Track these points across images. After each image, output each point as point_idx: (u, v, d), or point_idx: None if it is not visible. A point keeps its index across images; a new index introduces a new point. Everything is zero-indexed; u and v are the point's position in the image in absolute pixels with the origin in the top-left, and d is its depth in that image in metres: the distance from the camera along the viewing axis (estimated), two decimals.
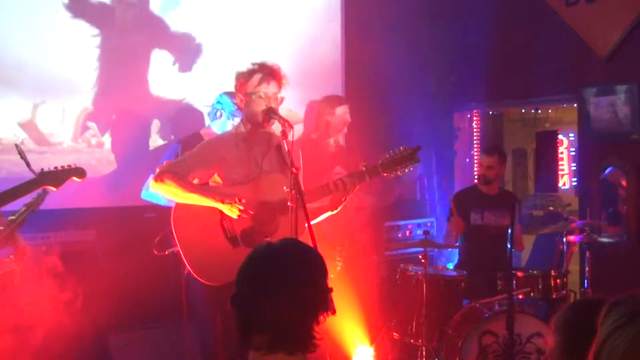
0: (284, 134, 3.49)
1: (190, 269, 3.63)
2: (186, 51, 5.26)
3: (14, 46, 4.54)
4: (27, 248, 3.61)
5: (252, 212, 3.60)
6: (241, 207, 3.55)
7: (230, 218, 3.63)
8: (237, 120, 4.36)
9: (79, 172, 3.59)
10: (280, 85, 3.75)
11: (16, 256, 3.35)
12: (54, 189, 3.52)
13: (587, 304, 1.98)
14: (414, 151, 3.86)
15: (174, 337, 4.77)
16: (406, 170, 3.88)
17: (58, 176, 3.50)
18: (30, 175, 3.58)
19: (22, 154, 3.58)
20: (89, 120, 4.87)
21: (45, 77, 4.68)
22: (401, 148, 3.85)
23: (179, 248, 3.65)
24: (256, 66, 3.74)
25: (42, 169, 3.51)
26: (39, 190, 3.59)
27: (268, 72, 3.72)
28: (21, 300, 3.70)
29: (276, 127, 3.75)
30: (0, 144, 4.51)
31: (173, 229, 3.66)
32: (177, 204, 3.71)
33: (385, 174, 3.84)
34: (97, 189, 4.81)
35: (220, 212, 3.63)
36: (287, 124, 3.49)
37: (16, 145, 3.69)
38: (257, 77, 3.71)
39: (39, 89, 4.65)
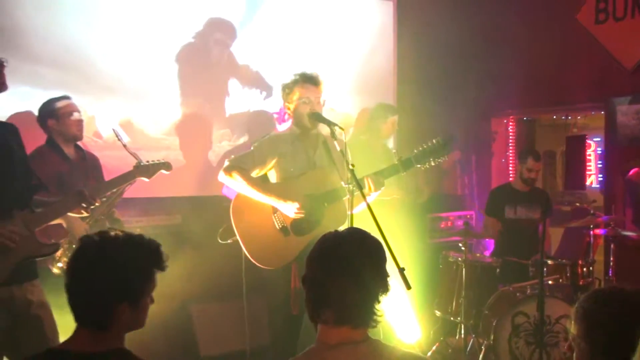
0: (335, 135, 3.45)
1: (248, 255, 3.64)
2: (255, 83, 5.31)
3: (113, 59, 4.61)
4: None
5: (303, 214, 3.57)
6: (296, 210, 3.55)
7: (280, 211, 3.64)
8: None
9: (167, 166, 3.63)
10: (320, 90, 3.70)
11: (56, 239, 3.31)
12: (147, 179, 3.57)
13: (602, 295, 1.91)
14: (446, 142, 3.67)
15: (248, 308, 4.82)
16: (440, 161, 3.68)
17: (150, 169, 3.54)
18: (128, 158, 3.64)
19: (118, 136, 3.65)
20: (177, 124, 4.95)
21: (141, 86, 4.75)
22: (434, 140, 3.67)
23: (237, 237, 3.67)
24: (297, 76, 3.71)
25: (137, 163, 3.57)
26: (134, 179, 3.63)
27: (308, 80, 3.69)
28: None
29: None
30: (102, 141, 4.58)
31: (232, 219, 3.68)
32: (236, 199, 3.72)
33: (418, 166, 3.68)
34: (184, 181, 4.90)
35: (272, 205, 3.64)
36: (337, 127, 3.45)
37: (113, 130, 3.76)
38: (299, 86, 3.68)
39: (135, 96, 4.72)
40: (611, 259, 5.01)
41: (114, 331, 1.88)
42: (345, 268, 1.88)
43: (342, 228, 2.88)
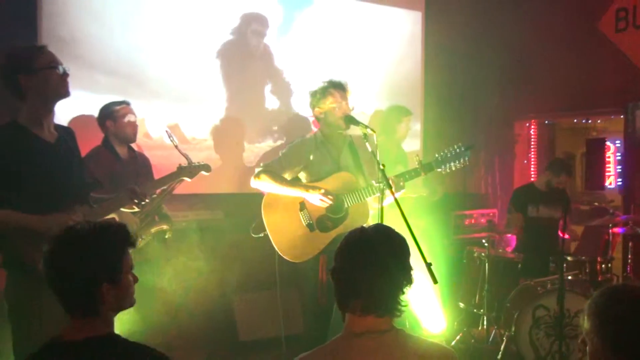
0: (367, 137, 3.43)
1: (276, 248, 3.66)
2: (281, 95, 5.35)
3: (159, 65, 4.72)
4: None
5: (330, 200, 3.58)
6: (321, 196, 3.57)
7: (307, 208, 3.64)
8: None
9: (207, 167, 3.68)
10: (348, 95, 3.71)
11: None
12: (189, 180, 3.62)
13: (614, 291, 1.88)
14: (467, 149, 3.63)
15: (283, 298, 4.85)
16: (459, 166, 3.64)
17: (191, 170, 3.59)
18: (176, 157, 3.71)
19: (171, 137, 3.72)
20: (219, 125, 5.00)
21: (185, 90, 4.84)
22: (455, 146, 3.64)
23: (267, 232, 3.69)
24: (327, 83, 3.72)
25: (180, 164, 3.62)
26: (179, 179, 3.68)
27: (338, 87, 3.70)
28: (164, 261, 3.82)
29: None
30: (151, 141, 4.68)
31: (263, 215, 3.71)
32: (266, 196, 3.75)
33: (438, 170, 3.66)
34: (225, 179, 4.95)
35: (299, 202, 3.64)
36: (369, 129, 3.44)
37: (166, 131, 3.83)
38: (330, 92, 3.69)
39: (181, 100, 4.82)
40: (629, 256, 4.98)
41: (103, 315, 1.87)
42: (371, 259, 1.90)
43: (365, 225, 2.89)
